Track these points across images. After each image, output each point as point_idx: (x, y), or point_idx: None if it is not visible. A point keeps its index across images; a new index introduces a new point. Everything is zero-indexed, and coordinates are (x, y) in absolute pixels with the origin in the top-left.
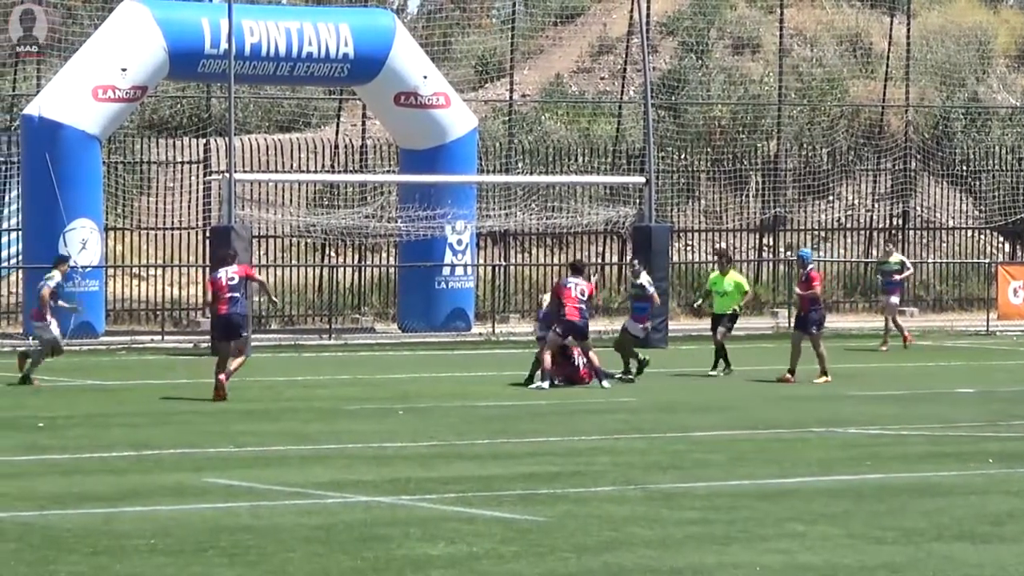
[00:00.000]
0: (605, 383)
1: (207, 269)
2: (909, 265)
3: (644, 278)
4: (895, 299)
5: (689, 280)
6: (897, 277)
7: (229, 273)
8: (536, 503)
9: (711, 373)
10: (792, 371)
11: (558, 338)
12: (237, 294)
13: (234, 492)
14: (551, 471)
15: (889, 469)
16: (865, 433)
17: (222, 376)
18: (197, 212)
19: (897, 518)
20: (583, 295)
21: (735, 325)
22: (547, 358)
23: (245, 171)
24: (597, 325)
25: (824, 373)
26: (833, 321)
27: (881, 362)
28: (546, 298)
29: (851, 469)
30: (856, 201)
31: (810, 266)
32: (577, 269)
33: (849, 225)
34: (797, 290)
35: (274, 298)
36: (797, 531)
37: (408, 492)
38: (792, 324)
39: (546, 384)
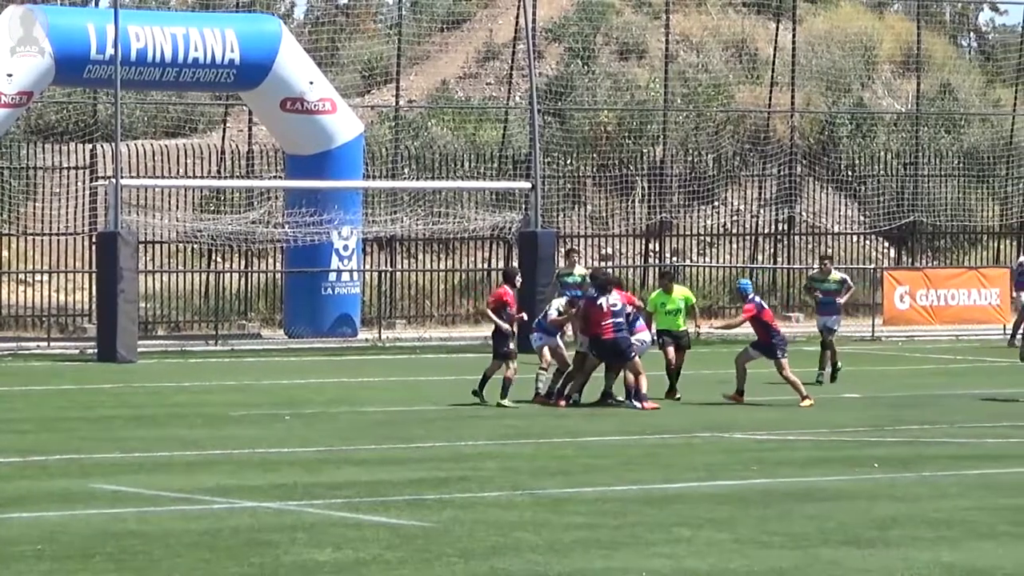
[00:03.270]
0: (636, 403)
1: (93, 275)
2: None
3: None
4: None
5: None
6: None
7: (611, 300)
8: (423, 508)
9: (678, 398)
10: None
11: (596, 360)
12: (620, 319)
13: (121, 498)
14: (438, 476)
15: (775, 474)
16: (751, 438)
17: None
18: (83, 218)
19: (783, 523)
20: (616, 307)
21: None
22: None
23: (131, 176)
24: (483, 331)
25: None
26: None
27: (767, 367)
28: (553, 306)
29: (737, 474)
30: (742, 206)
31: (752, 296)
32: (600, 285)
33: (735, 231)
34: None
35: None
36: (684, 536)
37: (295, 498)
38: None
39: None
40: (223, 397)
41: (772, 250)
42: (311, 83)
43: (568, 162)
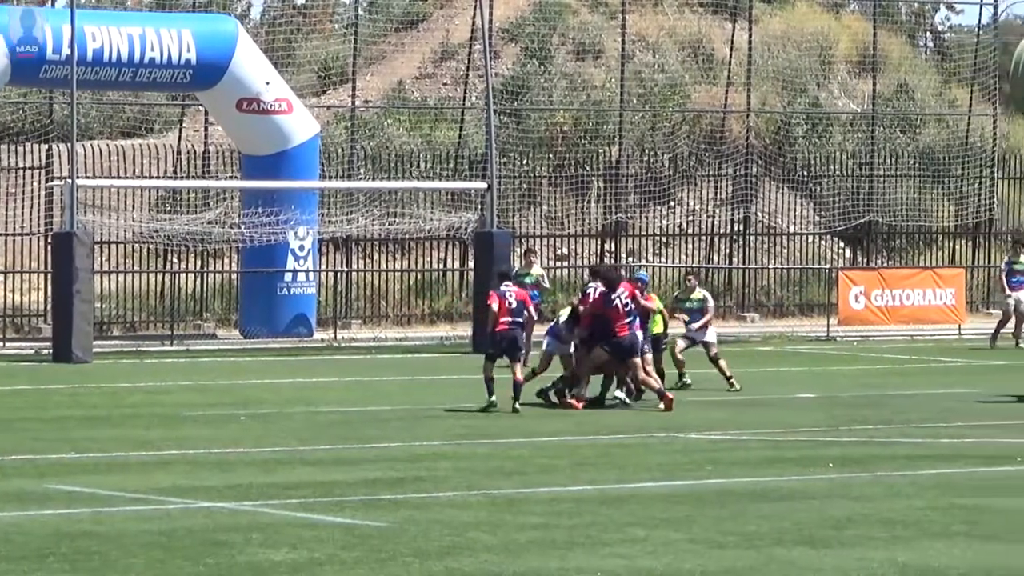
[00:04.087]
0: (622, 398)
1: (48, 276)
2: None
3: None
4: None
5: None
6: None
7: (623, 298)
8: (378, 508)
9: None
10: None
11: (604, 354)
12: (633, 318)
13: (76, 498)
14: (393, 476)
15: (730, 474)
16: (706, 438)
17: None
18: (39, 218)
19: (738, 523)
20: (628, 306)
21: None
22: (584, 371)
23: (87, 177)
24: (438, 331)
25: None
26: (676, 327)
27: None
28: (563, 313)
29: (692, 474)
30: (697, 207)
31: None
32: (611, 282)
33: (690, 231)
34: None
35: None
36: (639, 536)
37: (250, 498)
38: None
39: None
40: (178, 397)
41: (728, 250)
42: (267, 83)
43: (524, 162)
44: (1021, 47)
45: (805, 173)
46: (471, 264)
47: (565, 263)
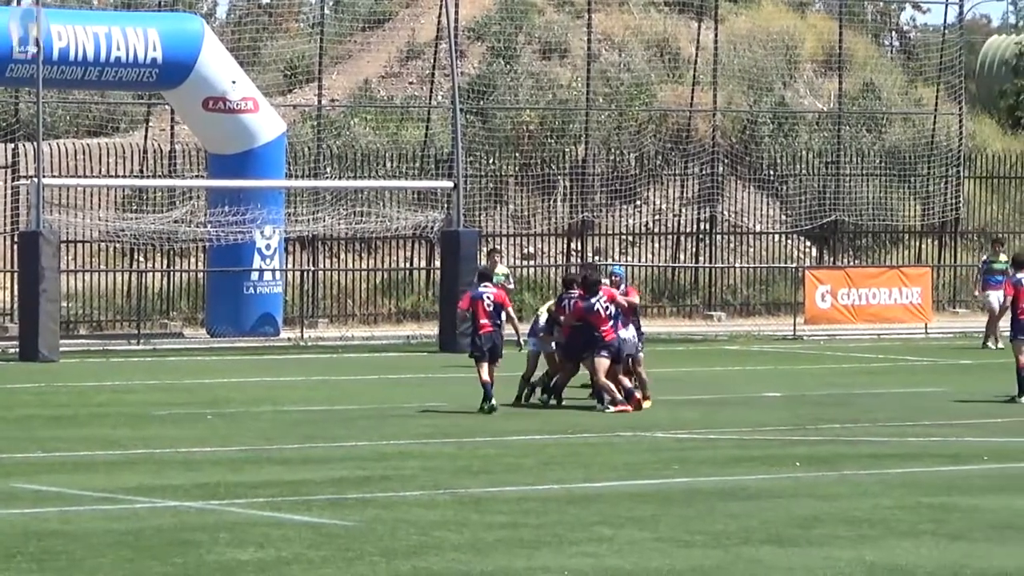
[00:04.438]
0: (601, 406)
1: (14, 275)
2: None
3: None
4: None
5: None
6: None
7: (603, 302)
8: (345, 507)
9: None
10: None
11: (605, 361)
12: (615, 320)
13: (43, 497)
14: (360, 475)
15: (697, 473)
16: (672, 437)
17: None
18: (5, 217)
19: (705, 521)
20: (609, 309)
21: None
22: (605, 381)
23: (53, 176)
24: (405, 330)
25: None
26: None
27: (689, 366)
28: (543, 311)
29: (659, 473)
30: (664, 206)
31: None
32: (591, 285)
33: (657, 230)
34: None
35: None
36: (605, 535)
37: (217, 497)
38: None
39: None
40: (145, 396)
41: (694, 249)
42: (233, 82)
43: (490, 161)
44: (987, 46)
45: (771, 172)
46: (438, 263)
47: (531, 262)
